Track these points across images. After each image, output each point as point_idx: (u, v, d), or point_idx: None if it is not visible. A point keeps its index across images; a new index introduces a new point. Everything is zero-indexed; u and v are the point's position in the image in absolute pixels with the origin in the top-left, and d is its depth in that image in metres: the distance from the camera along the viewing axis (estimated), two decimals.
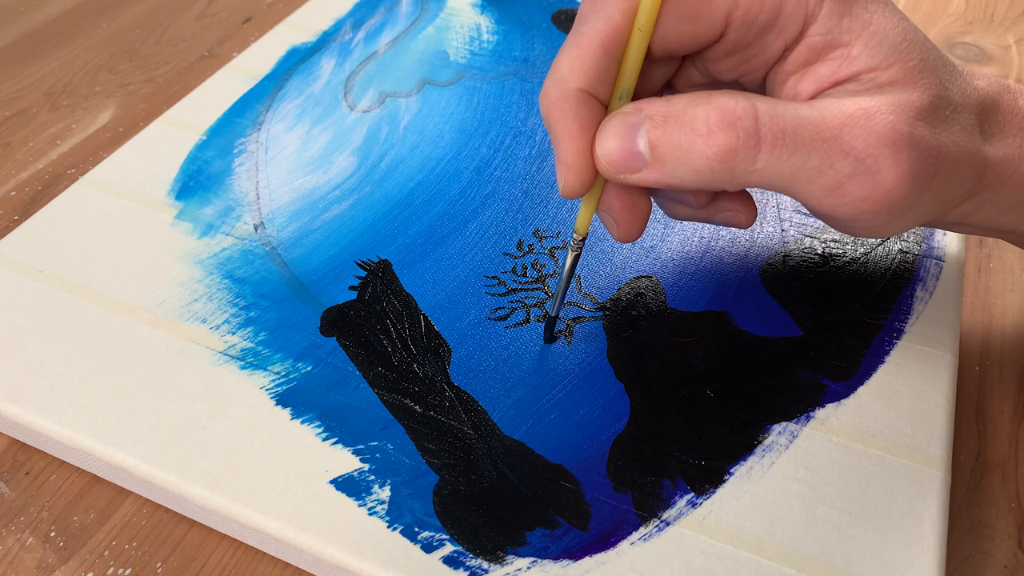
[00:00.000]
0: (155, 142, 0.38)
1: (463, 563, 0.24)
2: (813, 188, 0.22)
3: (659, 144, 0.22)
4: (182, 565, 0.26)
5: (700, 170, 0.22)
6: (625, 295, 0.32)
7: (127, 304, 0.31)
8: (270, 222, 0.35)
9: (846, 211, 0.22)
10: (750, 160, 0.22)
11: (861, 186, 0.22)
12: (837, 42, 0.23)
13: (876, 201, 0.22)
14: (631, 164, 0.23)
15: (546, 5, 0.48)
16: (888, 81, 0.22)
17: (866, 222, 0.23)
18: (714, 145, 0.22)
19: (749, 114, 0.21)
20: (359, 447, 0.27)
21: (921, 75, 0.22)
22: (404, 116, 0.40)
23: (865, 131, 0.21)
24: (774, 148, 0.21)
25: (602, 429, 0.27)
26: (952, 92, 0.23)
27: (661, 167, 0.23)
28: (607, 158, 0.23)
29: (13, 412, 0.28)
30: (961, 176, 0.23)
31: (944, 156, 0.22)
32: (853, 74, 0.22)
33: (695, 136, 0.22)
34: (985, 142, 0.24)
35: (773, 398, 0.28)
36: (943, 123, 0.23)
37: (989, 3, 0.52)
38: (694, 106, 0.22)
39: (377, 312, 0.31)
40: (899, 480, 0.26)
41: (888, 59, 0.22)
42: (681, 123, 0.22)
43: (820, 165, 0.22)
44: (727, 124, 0.21)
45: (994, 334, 0.33)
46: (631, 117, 0.23)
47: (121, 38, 0.49)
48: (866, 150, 0.21)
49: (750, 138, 0.21)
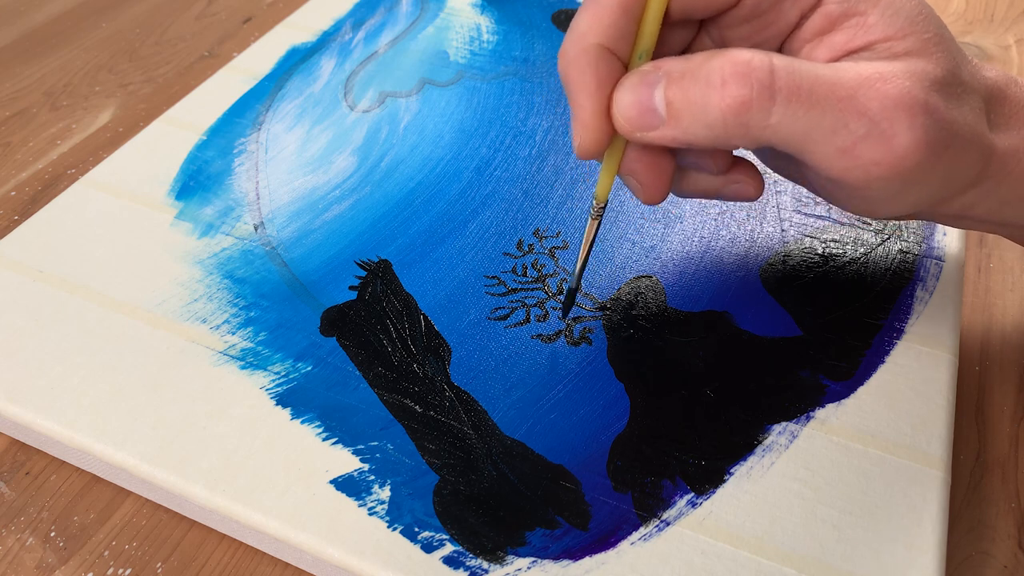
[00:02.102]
0: (155, 142, 0.38)
1: (463, 563, 0.24)
2: (826, 148, 0.22)
3: (675, 100, 0.22)
4: (182, 565, 0.26)
5: (714, 124, 0.22)
6: (625, 295, 0.32)
7: (127, 304, 0.31)
8: (270, 222, 0.35)
9: (857, 176, 0.22)
10: (764, 114, 0.21)
11: (874, 149, 0.21)
12: (853, 11, 0.22)
13: (889, 166, 0.22)
14: (647, 121, 0.23)
15: (546, 5, 0.48)
16: (903, 51, 0.22)
17: (875, 190, 0.23)
18: (728, 97, 0.21)
19: (764, 67, 0.21)
20: (359, 447, 0.27)
21: (936, 48, 0.22)
22: (404, 116, 0.40)
23: (881, 93, 0.21)
24: (789, 103, 0.21)
25: (602, 429, 0.27)
26: (964, 73, 0.23)
27: (676, 123, 0.22)
28: (624, 115, 0.23)
29: (13, 412, 0.28)
30: (970, 157, 0.23)
31: (956, 131, 0.22)
32: (868, 43, 0.22)
33: (710, 88, 0.21)
34: (991, 131, 0.24)
35: (773, 398, 0.28)
36: (955, 99, 0.22)
37: (989, 3, 0.52)
38: (710, 59, 0.22)
39: (377, 312, 0.31)
40: (899, 480, 0.26)
41: (904, 29, 0.22)
42: (697, 77, 0.22)
43: (834, 124, 0.21)
44: (741, 76, 0.21)
45: (994, 334, 0.33)
46: (649, 75, 0.23)
47: (121, 38, 0.49)
48: (881, 112, 0.21)
49: (764, 90, 0.21)
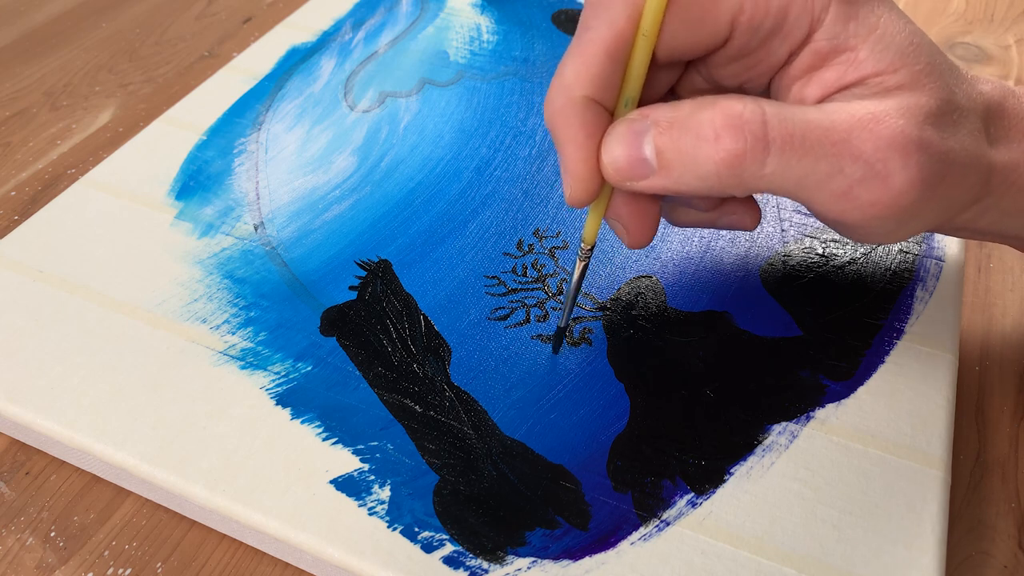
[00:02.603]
0: (155, 142, 0.38)
1: (463, 563, 0.24)
2: (823, 193, 0.22)
3: (666, 150, 0.22)
4: (182, 565, 0.26)
5: (708, 176, 0.22)
6: (625, 295, 0.32)
7: (127, 304, 0.31)
8: (270, 222, 0.35)
9: (855, 217, 0.22)
10: (759, 165, 0.21)
11: (871, 191, 0.21)
12: (843, 47, 0.22)
13: (886, 206, 0.22)
14: (638, 171, 0.22)
15: (546, 5, 0.48)
16: (895, 85, 0.22)
17: (874, 227, 0.23)
18: (722, 150, 0.21)
19: (757, 118, 0.21)
20: (359, 447, 0.27)
21: (928, 79, 0.22)
22: (404, 116, 0.40)
23: (874, 135, 0.21)
24: (783, 153, 0.21)
25: (602, 429, 0.27)
26: (959, 96, 0.23)
27: (668, 173, 0.22)
28: (613, 165, 0.23)
29: (13, 412, 0.28)
30: (969, 181, 0.23)
31: (952, 160, 0.22)
32: (859, 79, 0.22)
33: (702, 141, 0.21)
34: (991, 147, 0.24)
35: (773, 398, 0.28)
36: (951, 127, 0.22)
37: (989, 3, 0.52)
38: (700, 110, 0.22)
39: (377, 312, 0.31)
40: (899, 480, 0.26)
41: (895, 63, 0.22)
42: (687, 128, 0.22)
43: (830, 170, 0.21)
44: (734, 128, 0.21)
45: (994, 334, 0.33)
46: (637, 123, 0.22)
47: (121, 38, 0.49)
48: (876, 154, 0.21)
49: (758, 142, 0.21)
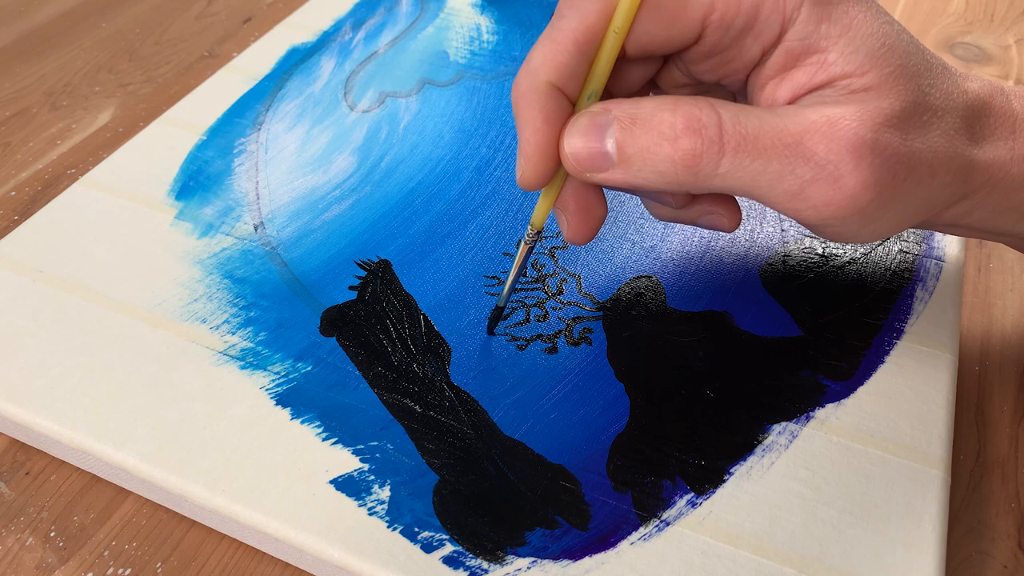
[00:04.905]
0: (155, 142, 0.38)
1: (463, 563, 0.24)
2: (775, 193, 0.22)
3: (626, 145, 0.23)
4: (182, 565, 0.26)
5: (665, 172, 0.23)
6: (625, 295, 0.32)
7: (127, 304, 0.31)
8: (270, 222, 0.35)
9: (810, 215, 0.23)
10: (713, 164, 0.22)
11: (822, 192, 0.22)
12: (814, 48, 0.23)
13: (840, 207, 0.22)
14: (598, 163, 0.23)
15: (546, 5, 0.48)
16: (863, 87, 0.22)
17: (835, 227, 0.23)
18: (680, 150, 0.22)
19: (713, 121, 0.22)
20: (359, 447, 0.27)
21: (897, 81, 0.22)
22: (404, 116, 0.40)
23: (827, 138, 0.22)
24: (736, 154, 0.22)
25: (602, 429, 0.27)
26: (933, 97, 0.23)
27: (627, 167, 0.23)
28: (574, 156, 0.23)
29: (13, 412, 0.28)
30: (941, 179, 0.23)
31: (916, 161, 0.22)
32: (828, 80, 0.23)
33: (662, 139, 0.22)
34: (974, 145, 0.24)
35: (773, 398, 0.28)
36: (918, 129, 0.23)
37: (989, 3, 0.52)
38: (661, 111, 0.22)
39: (377, 312, 0.31)
40: (899, 480, 0.26)
41: (864, 65, 0.22)
42: (648, 126, 0.22)
43: (781, 170, 0.22)
44: (692, 130, 0.22)
45: (994, 334, 0.33)
46: (599, 117, 0.23)
47: (121, 38, 0.49)
48: (827, 156, 0.22)
49: (713, 144, 0.22)
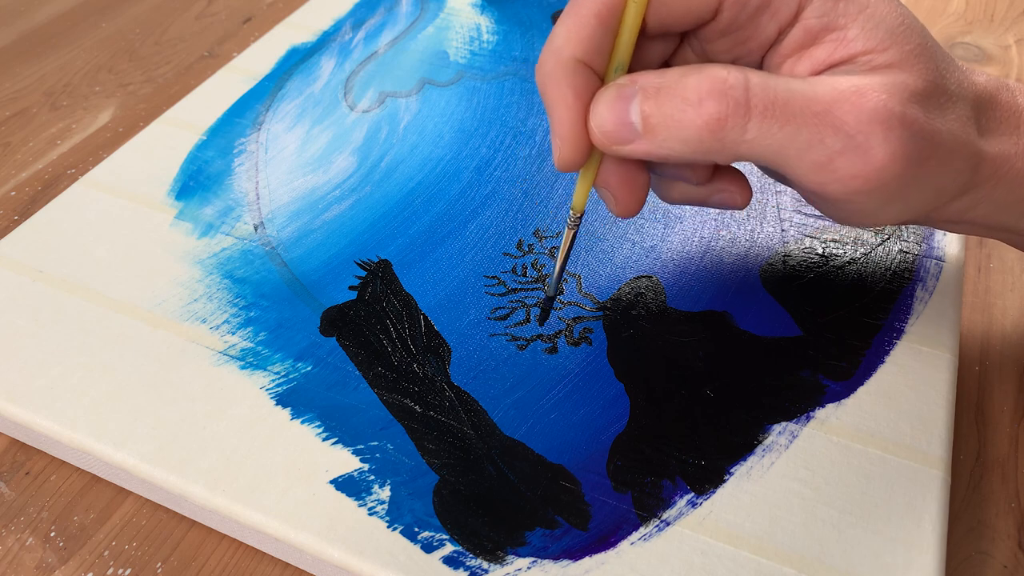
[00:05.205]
0: (155, 142, 0.38)
1: (463, 563, 0.24)
2: (803, 163, 0.22)
3: (651, 115, 0.22)
4: (182, 565, 0.26)
5: (690, 140, 0.22)
6: (625, 295, 0.32)
7: (127, 304, 0.31)
8: (270, 222, 0.35)
9: (836, 189, 0.22)
10: (739, 130, 0.21)
11: (851, 163, 0.22)
12: (833, 25, 0.22)
13: (867, 179, 0.22)
14: (624, 135, 0.23)
15: (546, 5, 0.48)
16: (884, 64, 0.22)
17: (858, 204, 0.23)
18: (704, 114, 0.21)
19: (740, 84, 0.21)
20: (359, 447, 0.27)
21: (918, 59, 0.22)
22: (404, 116, 0.40)
23: (856, 107, 0.21)
24: (764, 119, 0.21)
25: (602, 429, 0.27)
26: (949, 81, 0.23)
27: (652, 138, 0.22)
28: (600, 129, 0.23)
29: (13, 412, 0.28)
30: (956, 165, 0.23)
31: (938, 141, 0.22)
32: (849, 56, 0.22)
33: (686, 105, 0.22)
34: (981, 137, 0.24)
35: (773, 398, 0.28)
36: (938, 109, 0.22)
37: (989, 3, 0.52)
38: (687, 76, 0.22)
39: (377, 312, 0.31)
40: (899, 480, 0.26)
41: (884, 42, 0.22)
42: (673, 93, 0.22)
43: (810, 139, 0.21)
44: (717, 93, 0.21)
45: (994, 334, 0.33)
46: (625, 88, 0.23)
47: (121, 38, 0.49)
48: (857, 126, 0.21)
49: (739, 107, 0.21)
